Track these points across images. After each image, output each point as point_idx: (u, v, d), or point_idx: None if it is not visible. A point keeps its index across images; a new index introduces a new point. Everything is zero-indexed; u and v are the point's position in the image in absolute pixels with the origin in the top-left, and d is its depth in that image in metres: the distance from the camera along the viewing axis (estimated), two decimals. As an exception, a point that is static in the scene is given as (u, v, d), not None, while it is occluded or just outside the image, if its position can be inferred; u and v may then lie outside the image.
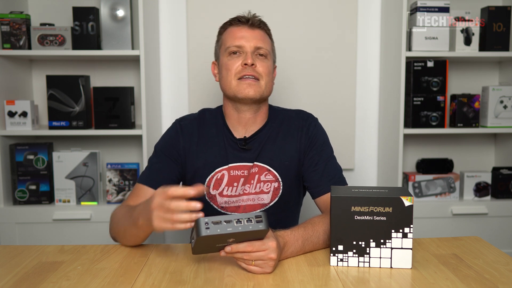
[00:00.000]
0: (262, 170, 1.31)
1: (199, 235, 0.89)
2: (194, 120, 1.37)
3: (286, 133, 1.34)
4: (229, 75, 1.28)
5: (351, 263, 1.02)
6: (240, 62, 1.28)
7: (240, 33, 1.30)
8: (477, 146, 2.35)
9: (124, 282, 0.95)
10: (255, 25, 1.31)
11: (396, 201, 0.98)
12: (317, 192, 1.29)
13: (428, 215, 2.09)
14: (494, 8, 2.07)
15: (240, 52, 1.29)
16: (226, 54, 1.31)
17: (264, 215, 0.93)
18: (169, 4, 2.20)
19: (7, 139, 2.02)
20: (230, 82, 1.28)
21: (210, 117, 1.38)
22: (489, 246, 1.15)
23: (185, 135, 1.34)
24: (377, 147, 2.31)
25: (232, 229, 0.90)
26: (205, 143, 1.33)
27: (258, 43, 1.29)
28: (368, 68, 2.26)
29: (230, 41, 1.30)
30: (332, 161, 1.33)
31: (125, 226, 1.14)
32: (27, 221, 1.99)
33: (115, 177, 2.06)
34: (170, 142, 1.34)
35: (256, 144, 1.33)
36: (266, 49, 1.31)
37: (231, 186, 1.31)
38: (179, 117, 1.41)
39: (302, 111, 1.40)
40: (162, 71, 2.22)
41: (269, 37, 1.36)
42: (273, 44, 1.38)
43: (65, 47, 1.98)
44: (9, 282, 0.95)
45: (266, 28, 1.35)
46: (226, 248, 0.96)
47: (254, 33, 1.30)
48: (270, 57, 1.33)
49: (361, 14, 2.23)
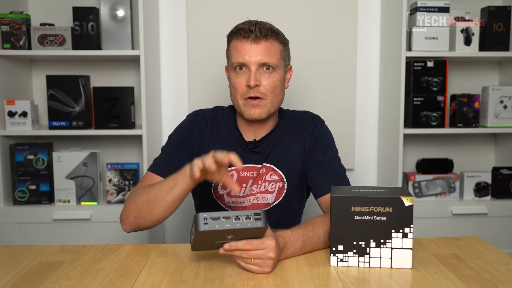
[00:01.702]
0: (268, 170, 1.33)
1: (197, 230, 0.90)
2: (209, 117, 1.37)
3: (293, 133, 1.35)
4: (236, 93, 1.28)
5: (351, 263, 1.02)
6: (245, 81, 1.25)
7: (243, 48, 1.24)
8: (477, 146, 2.35)
9: (124, 282, 0.95)
10: (260, 37, 1.24)
11: (396, 201, 0.98)
12: (320, 192, 1.30)
13: (428, 215, 2.09)
14: (494, 8, 2.07)
15: (245, 67, 1.26)
16: (232, 69, 1.28)
17: (263, 213, 0.93)
18: (169, 4, 2.20)
19: (7, 139, 2.02)
20: (237, 100, 1.28)
21: (223, 116, 1.38)
22: (489, 246, 1.15)
23: (199, 131, 1.34)
24: (377, 147, 2.31)
25: (230, 226, 0.90)
26: (217, 142, 1.34)
27: (262, 59, 1.24)
28: (368, 68, 2.26)
29: (234, 56, 1.26)
30: (336, 162, 1.33)
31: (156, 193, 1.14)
32: (27, 221, 1.99)
33: (115, 177, 2.06)
34: (185, 135, 1.34)
35: (265, 147, 1.34)
36: (273, 62, 1.25)
37: (239, 187, 1.31)
38: (193, 111, 1.40)
39: (309, 113, 1.41)
40: (162, 71, 2.22)
41: (279, 42, 1.28)
42: (284, 47, 1.30)
43: (65, 47, 1.98)
44: (9, 282, 0.95)
45: (274, 35, 1.26)
46: (224, 246, 0.96)
47: (258, 47, 1.24)
48: (279, 67, 1.28)
49: (361, 14, 2.23)
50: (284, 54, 1.30)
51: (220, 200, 1.34)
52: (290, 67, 1.37)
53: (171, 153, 1.32)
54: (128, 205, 1.20)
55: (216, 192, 1.34)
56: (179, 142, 1.33)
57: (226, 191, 1.33)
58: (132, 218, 1.18)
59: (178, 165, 1.28)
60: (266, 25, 1.26)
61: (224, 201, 1.34)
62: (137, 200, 1.17)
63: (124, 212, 1.20)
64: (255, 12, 2.13)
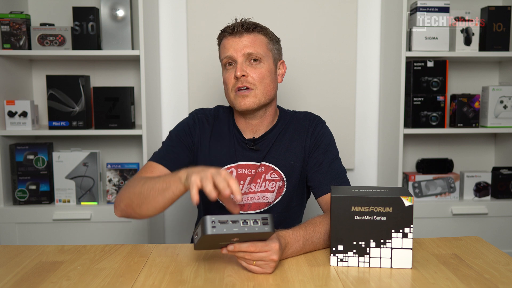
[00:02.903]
0: (268, 169, 1.33)
1: (204, 233, 0.89)
2: (210, 115, 1.39)
3: (293, 133, 1.36)
4: (227, 88, 1.31)
5: (351, 263, 1.02)
6: (233, 74, 1.28)
7: (228, 43, 1.29)
8: (477, 146, 2.35)
9: (124, 282, 0.95)
10: (243, 31, 1.28)
11: (396, 201, 0.98)
12: (320, 192, 1.30)
13: (428, 215, 2.09)
14: (494, 8, 2.07)
15: (233, 63, 1.29)
16: (223, 67, 1.33)
17: (270, 217, 0.93)
18: (169, 4, 2.20)
19: (7, 139, 2.02)
20: (229, 95, 1.31)
21: (223, 115, 1.40)
22: (489, 246, 1.15)
23: (200, 128, 1.36)
24: (377, 147, 2.31)
25: (238, 230, 0.90)
26: (217, 140, 1.36)
27: (246, 49, 1.27)
28: (368, 68, 2.26)
29: (222, 53, 1.31)
30: (336, 162, 1.33)
31: (148, 189, 1.11)
32: (27, 221, 1.99)
33: (115, 177, 2.06)
34: (187, 130, 1.36)
35: (264, 145, 1.34)
36: (258, 52, 1.28)
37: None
38: (195, 109, 1.42)
39: (310, 113, 1.41)
40: (162, 71, 2.22)
41: (264, 35, 1.31)
42: (271, 41, 1.33)
43: (65, 47, 1.98)
44: (9, 282, 0.95)
45: (258, 29, 1.30)
46: (229, 247, 0.96)
47: (241, 40, 1.28)
48: (266, 58, 1.29)
49: (361, 14, 2.23)
50: (271, 47, 1.32)
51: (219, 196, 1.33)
52: (282, 62, 1.38)
53: (171, 145, 1.34)
54: (123, 192, 1.20)
55: None
56: (180, 136, 1.35)
57: None
58: (123, 205, 1.19)
59: (178, 156, 1.31)
60: (250, 21, 1.31)
61: None
62: (130, 190, 1.18)
63: (118, 198, 1.22)
64: (255, 12, 2.13)
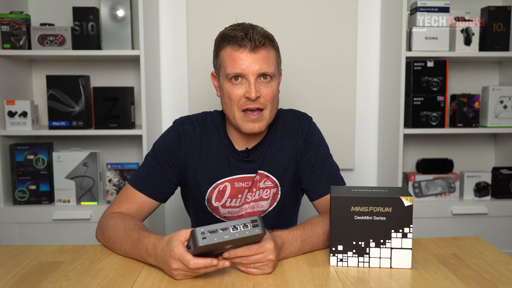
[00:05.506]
0: (262, 177, 1.29)
1: (196, 246, 0.88)
2: (197, 124, 1.29)
3: (282, 135, 1.31)
4: (232, 105, 1.19)
5: (350, 263, 1.02)
6: (243, 92, 1.17)
7: (240, 58, 1.16)
8: (477, 146, 2.35)
9: (124, 282, 0.95)
10: (259, 46, 1.16)
11: (396, 201, 0.98)
12: (315, 195, 1.28)
13: (428, 215, 2.09)
14: (494, 8, 2.07)
15: (241, 78, 1.18)
16: (226, 80, 1.19)
17: (260, 218, 0.92)
18: (169, 4, 2.20)
19: (7, 139, 2.02)
20: (234, 112, 1.20)
21: (212, 123, 1.31)
22: (489, 246, 1.15)
23: (187, 142, 1.27)
24: (377, 147, 2.31)
25: (229, 237, 0.89)
26: (207, 152, 1.27)
27: (262, 69, 1.16)
28: (368, 68, 2.26)
29: (230, 67, 1.17)
30: (328, 161, 1.30)
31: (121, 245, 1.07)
32: (27, 221, 1.99)
33: (115, 177, 2.06)
34: (171, 146, 1.26)
35: (258, 155, 1.29)
36: (271, 71, 1.18)
37: (234, 198, 1.29)
38: (180, 118, 1.32)
39: (295, 112, 1.35)
40: (162, 71, 2.22)
41: (274, 48, 1.22)
42: (278, 52, 1.24)
43: (65, 47, 1.98)
44: (9, 282, 0.95)
45: (270, 42, 1.19)
46: (224, 254, 0.95)
47: (256, 57, 1.16)
48: (276, 75, 1.22)
49: (361, 14, 2.23)
50: (278, 60, 1.25)
51: (216, 212, 1.31)
52: (281, 70, 1.31)
53: (153, 166, 1.25)
54: (101, 223, 1.18)
55: (210, 205, 1.30)
56: (164, 154, 1.26)
57: (220, 203, 1.29)
58: (99, 236, 1.17)
59: (159, 179, 1.24)
60: (260, 31, 1.18)
61: (219, 213, 1.31)
62: (106, 226, 1.14)
63: (98, 225, 1.19)
64: (255, 12, 2.14)
